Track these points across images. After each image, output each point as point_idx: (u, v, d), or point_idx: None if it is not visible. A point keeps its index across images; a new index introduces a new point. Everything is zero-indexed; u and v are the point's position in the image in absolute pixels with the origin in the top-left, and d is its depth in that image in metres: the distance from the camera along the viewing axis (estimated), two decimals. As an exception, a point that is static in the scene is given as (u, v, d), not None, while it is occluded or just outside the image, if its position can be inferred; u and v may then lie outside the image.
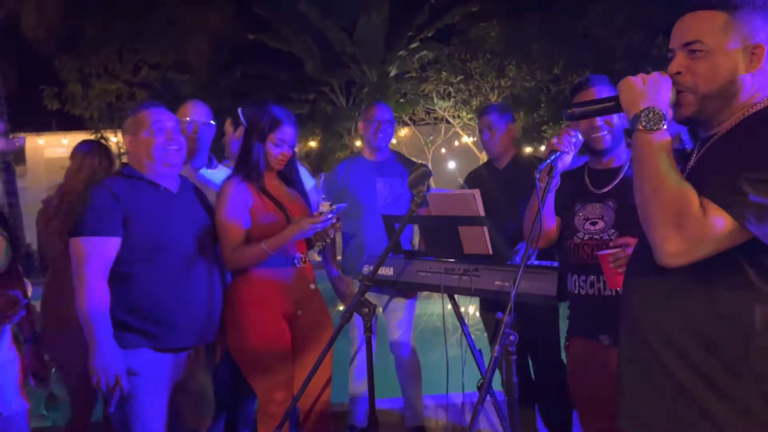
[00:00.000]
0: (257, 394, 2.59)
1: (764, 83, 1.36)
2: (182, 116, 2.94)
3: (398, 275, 2.60)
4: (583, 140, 2.05)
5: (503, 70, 12.29)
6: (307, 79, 15.89)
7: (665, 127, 1.31)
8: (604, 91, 2.18)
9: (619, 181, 2.21)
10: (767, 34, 1.35)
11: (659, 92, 1.35)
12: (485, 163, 3.47)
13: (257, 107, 2.67)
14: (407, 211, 2.23)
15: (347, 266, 3.53)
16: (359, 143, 12.47)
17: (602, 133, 2.19)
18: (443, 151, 16.04)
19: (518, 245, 2.84)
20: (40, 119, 16.04)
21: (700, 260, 1.24)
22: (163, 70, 13.99)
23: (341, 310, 4.19)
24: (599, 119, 2.15)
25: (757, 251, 1.24)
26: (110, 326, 2.19)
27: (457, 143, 15.66)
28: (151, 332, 2.26)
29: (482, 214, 2.34)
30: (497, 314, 1.70)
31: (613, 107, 1.47)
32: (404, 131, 15.90)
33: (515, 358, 1.74)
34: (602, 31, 9.96)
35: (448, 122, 14.57)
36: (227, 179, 2.63)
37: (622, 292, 1.55)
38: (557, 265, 2.29)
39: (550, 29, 11.49)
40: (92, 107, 13.31)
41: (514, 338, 1.69)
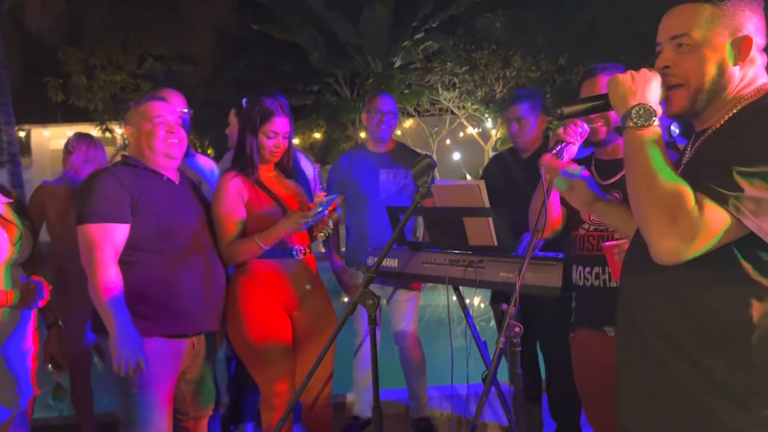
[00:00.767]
0: (259, 386, 2.59)
1: (753, 75, 1.35)
2: None
3: (403, 267, 2.59)
4: (589, 131, 2.04)
5: (508, 60, 12.22)
6: (311, 70, 15.85)
7: (656, 123, 1.30)
8: None
9: (624, 172, 2.19)
10: (755, 25, 1.34)
11: (648, 89, 1.34)
12: (509, 149, 3.37)
13: (254, 99, 2.67)
14: (411, 202, 2.21)
15: (350, 258, 3.52)
16: (363, 134, 12.44)
17: (598, 124, 2.18)
18: (448, 142, 16.01)
19: (523, 236, 2.83)
20: (45, 111, 16.07)
21: (700, 258, 1.22)
22: (167, 61, 13.98)
23: (345, 301, 4.18)
24: None
25: (753, 245, 1.22)
26: (127, 310, 2.20)
27: (461, 134, 15.61)
28: (155, 320, 2.28)
29: (487, 205, 2.32)
30: (502, 305, 1.69)
31: (602, 105, 1.46)
32: (409, 122, 15.86)
33: (520, 349, 1.73)
34: (609, 21, 9.86)
35: (452, 113, 14.53)
36: (223, 173, 2.63)
37: (619, 285, 1.54)
38: (563, 256, 2.27)
39: (555, 19, 11.40)
40: (97, 99, 13.32)
41: (519, 330, 1.68)
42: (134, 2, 12.97)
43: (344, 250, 3.62)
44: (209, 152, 15.78)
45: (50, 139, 17.87)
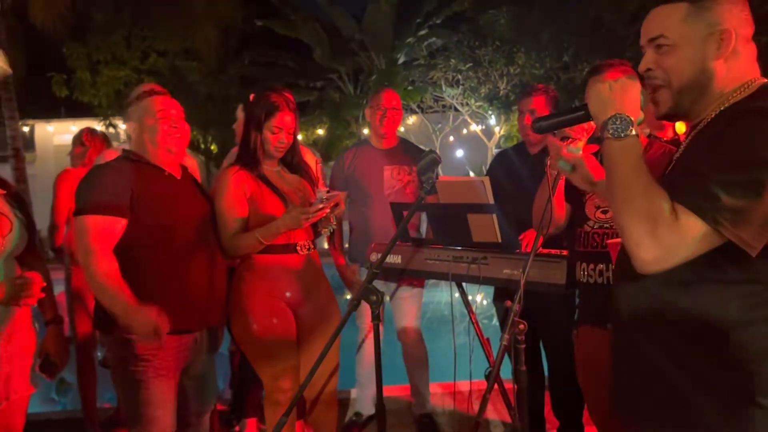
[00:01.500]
0: (263, 381, 2.59)
1: (739, 67, 1.34)
2: None
3: (406, 263, 2.58)
4: (594, 127, 2.03)
5: (512, 57, 12.17)
6: (315, 66, 15.84)
7: (634, 132, 1.28)
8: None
9: None
10: (736, 17, 1.32)
11: (627, 97, 1.32)
12: (516, 145, 3.37)
13: (260, 94, 2.67)
14: (415, 198, 2.21)
15: (354, 254, 3.52)
16: (367, 131, 12.43)
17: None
18: (451, 139, 15.96)
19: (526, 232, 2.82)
20: (49, 106, 16.08)
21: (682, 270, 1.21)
22: (171, 57, 13.98)
23: (348, 298, 4.18)
24: None
25: (735, 248, 1.21)
26: (126, 287, 2.18)
27: (465, 131, 15.57)
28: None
29: (492, 201, 2.32)
30: (506, 302, 1.68)
31: (582, 117, 1.45)
32: (412, 119, 15.83)
33: (524, 346, 1.73)
34: (613, 18, 9.83)
35: (456, 110, 14.48)
36: (227, 167, 2.63)
37: (612, 285, 1.55)
38: (567, 253, 2.27)
39: (560, 16, 11.36)
40: (100, 94, 13.33)
41: (523, 327, 1.68)
42: (138, -2, 12.97)
43: (347, 246, 3.62)
44: (212, 148, 15.77)
45: (54, 134, 17.88)
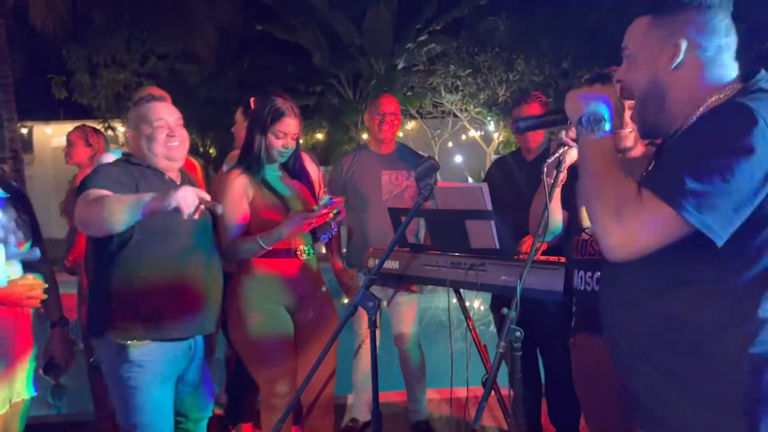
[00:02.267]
0: (260, 386, 2.59)
1: (700, 78, 1.33)
2: None
3: (404, 269, 2.58)
4: None
5: (512, 64, 12.20)
6: (314, 70, 15.84)
7: (607, 128, 1.34)
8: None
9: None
10: (696, 28, 1.33)
11: (599, 101, 1.38)
12: (513, 152, 3.39)
13: (264, 99, 2.67)
14: (413, 204, 2.21)
15: (352, 259, 3.51)
16: (366, 136, 12.45)
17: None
18: (450, 144, 15.98)
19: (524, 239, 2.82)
20: (47, 108, 16.07)
21: (653, 261, 1.24)
22: (170, 60, 13.99)
23: (345, 303, 4.18)
24: None
25: (707, 249, 1.21)
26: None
27: (464, 137, 15.59)
28: (153, 323, 2.23)
29: (490, 207, 2.31)
30: (503, 309, 1.68)
31: (560, 118, 1.53)
32: (411, 124, 15.84)
33: (521, 354, 1.72)
34: (612, 25, 9.87)
35: (455, 116, 14.50)
36: (229, 171, 2.62)
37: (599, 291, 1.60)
38: (565, 260, 2.26)
39: (559, 23, 11.40)
40: (100, 97, 13.33)
41: (520, 334, 1.67)
42: (139, 1, 12.99)
43: (345, 251, 3.61)
44: (211, 151, 15.76)
45: (52, 136, 17.87)
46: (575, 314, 2.32)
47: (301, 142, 2.75)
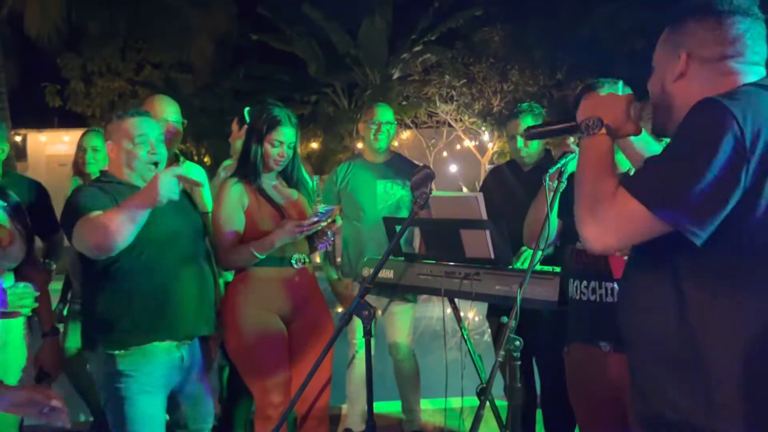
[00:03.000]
0: (254, 396, 2.57)
1: (703, 87, 1.35)
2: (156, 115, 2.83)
3: (398, 278, 2.57)
4: None
5: (506, 74, 12.27)
6: (309, 80, 15.89)
7: (604, 132, 1.40)
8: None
9: None
10: (699, 39, 1.37)
11: (611, 108, 1.43)
12: (508, 162, 3.38)
13: (260, 108, 2.67)
14: (408, 213, 2.20)
15: (346, 268, 3.51)
16: (361, 145, 12.47)
17: None
18: (445, 154, 16.03)
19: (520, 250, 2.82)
20: (42, 116, 16.05)
21: (642, 261, 1.31)
22: (165, 69, 14.02)
23: (340, 312, 4.16)
24: None
25: (690, 251, 1.23)
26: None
27: (458, 147, 15.65)
28: (142, 330, 2.21)
29: (485, 217, 2.31)
30: (502, 318, 1.68)
31: (567, 127, 1.59)
32: (406, 134, 15.89)
33: (519, 363, 1.72)
34: (607, 36, 9.95)
35: (450, 126, 14.57)
36: (225, 179, 2.62)
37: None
38: (559, 270, 2.26)
39: (553, 34, 11.48)
40: (94, 105, 13.35)
41: (519, 343, 1.67)
42: (134, 10, 13.02)
43: (340, 260, 3.60)
44: (205, 160, 15.76)
45: (46, 144, 17.80)
46: (569, 324, 2.31)
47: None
